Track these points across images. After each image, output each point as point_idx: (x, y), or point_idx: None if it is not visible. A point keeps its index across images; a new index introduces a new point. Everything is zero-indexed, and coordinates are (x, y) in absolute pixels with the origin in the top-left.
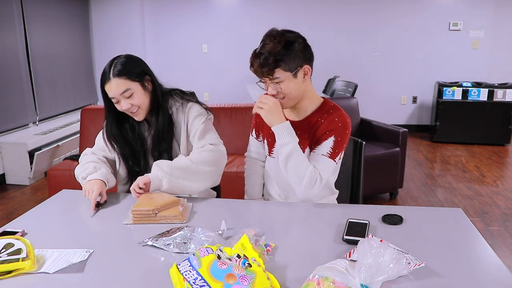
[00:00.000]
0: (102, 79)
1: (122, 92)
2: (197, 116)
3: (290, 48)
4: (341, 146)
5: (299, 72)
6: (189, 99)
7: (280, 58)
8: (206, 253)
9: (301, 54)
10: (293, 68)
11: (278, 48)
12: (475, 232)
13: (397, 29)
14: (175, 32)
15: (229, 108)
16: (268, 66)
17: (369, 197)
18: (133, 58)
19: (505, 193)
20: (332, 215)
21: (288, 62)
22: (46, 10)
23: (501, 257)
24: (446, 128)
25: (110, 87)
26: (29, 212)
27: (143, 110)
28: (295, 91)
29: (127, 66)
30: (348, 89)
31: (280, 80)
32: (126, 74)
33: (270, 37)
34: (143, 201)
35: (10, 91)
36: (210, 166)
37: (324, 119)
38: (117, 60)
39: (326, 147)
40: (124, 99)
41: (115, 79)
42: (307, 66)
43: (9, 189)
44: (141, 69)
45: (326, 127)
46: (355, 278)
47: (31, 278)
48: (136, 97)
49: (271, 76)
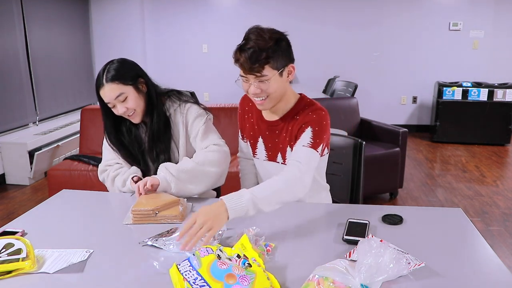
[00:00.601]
0: (97, 85)
1: (116, 96)
2: (196, 117)
3: (280, 45)
4: (321, 137)
5: (284, 71)
6: (187, 100)
7: (271, 55)
8: (206, 253)
9: (287, 53)
10: (280, 66)
11: (269, 44)
12: (475, 232)
13: (397, 29)
14: (175, 32)
15: (229, 108)
16: (258, 62)
17: (369, 197)
18: (126, 62)
19: (505, 193)
20: (332, 215)
21: (277, 60)
22: (46, 10)
23: (501, 257)
24: (446, 128)
25: (104, 92)
26: (29, 212)
27: (139, 113)
28: (279, 91)
29: (120, 70)
30: (348, 89)
31: (267, 78)
32: (119, 78)
33: (259, 33)
34: (143, 201)
35: (10, 91)
36: (215, 167)
37: (299, 115)
38: (110, 65)
39: (306, 138)
40: (120, 103)
41: (108, 84)
42: (292, 65)
43: (9, 189)
44: (135, 72)
45: (301, 121)
46: (355, 278)
47: (31, 278)
48: (131, 101)
49: (259, 73)
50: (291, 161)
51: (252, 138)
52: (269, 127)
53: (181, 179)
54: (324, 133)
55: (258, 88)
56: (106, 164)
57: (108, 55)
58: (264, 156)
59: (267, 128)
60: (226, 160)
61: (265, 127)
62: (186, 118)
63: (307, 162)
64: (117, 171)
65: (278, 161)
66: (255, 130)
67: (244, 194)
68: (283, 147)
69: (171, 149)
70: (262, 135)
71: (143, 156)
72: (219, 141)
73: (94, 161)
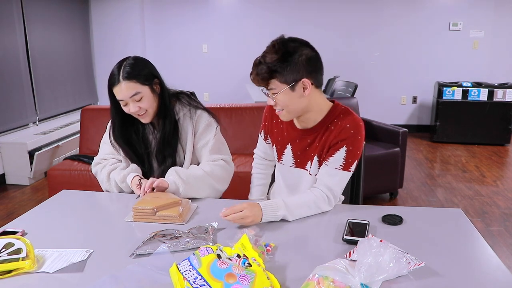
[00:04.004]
0: (111, 82)
1: (131, 95)
2: (207, 126)
3: (288, 59)
4: (355, 155)
5: (297, 85)
6: (197, 105)
7: (275, 69)
8: (206, 252)
9: (302, 67)
10: (289, 80)
11: (274, 58)
12: (475, 232)
13: (397, 29)
14: (175, 32)
15: (229, 108)
16: (261, 76)
17: (369, 197)
18: (142, 60)
19: (505, 193)
20: (332, 215)
21: (285, 74)
22: (46, 10)
23: (501, 257)
24: (446, 128)
25: (119, 89)
26: (29, 212)
27: (150, 114)
28: (293, 105)
29: (136, 68)
30: (348, 89)
31: (275, 92)
32: (135, 77)
33: (271, 46)
34: (148, 198)
35: (10, 91)
36: (219, 184)
37: (335, 126)
38: (126, 62)
39: (339, 159)
40: (133, 102)
41: (125, 82)
42: (307, 80)
43: (9, 189)
44: (150, 71)
45: (337, 135)
46: (355, 277)
47: (31, 278)
48: (145, 101)
49: (266, 86)
50: (323, 186)
51: (279, 144)
52: (300, 136)
53: (189, 184)
54: (358, 149)
55: (272, 100)
56: (102, 157)
57: (108, 55)
58: (291, 163)
59: (298, 136)
60: (230, 177)
61: (296, 135)
62: (197, 126)
63: (338, 187)
64: (114, 165)
65: (306, 169)
66: (284, 136)
67: (280, 208)
68: (312, 156)
69: (177, 152)
70: (292, 142)
71: (148, 157)
72: (227, 157)
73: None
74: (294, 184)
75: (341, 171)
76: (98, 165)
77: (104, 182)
